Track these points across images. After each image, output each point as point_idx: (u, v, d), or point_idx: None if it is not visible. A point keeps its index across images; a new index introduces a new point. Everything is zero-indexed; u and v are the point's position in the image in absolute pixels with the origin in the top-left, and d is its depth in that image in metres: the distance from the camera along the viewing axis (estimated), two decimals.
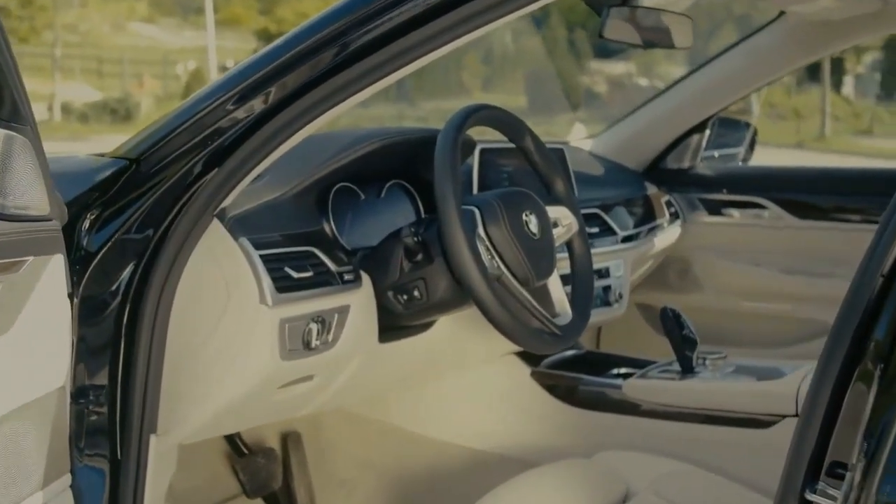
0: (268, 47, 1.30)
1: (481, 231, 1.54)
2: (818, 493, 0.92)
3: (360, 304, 1.55)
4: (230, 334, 1.40)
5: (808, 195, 2.61)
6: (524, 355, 2.05)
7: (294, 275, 1.44)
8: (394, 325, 1.64)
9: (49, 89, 17.98)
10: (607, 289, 2.28)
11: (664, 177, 2.71)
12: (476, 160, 2.00)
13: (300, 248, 1.50)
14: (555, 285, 1.71)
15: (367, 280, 1.57)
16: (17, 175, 1.03)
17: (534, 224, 1.59)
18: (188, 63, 20.80)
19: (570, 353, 2.10)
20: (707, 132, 2.70)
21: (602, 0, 1.58)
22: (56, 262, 1.12)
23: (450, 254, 1.47)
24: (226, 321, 1.40)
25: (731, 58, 2.53)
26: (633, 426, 1.88)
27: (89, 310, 1.29)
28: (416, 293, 1.56)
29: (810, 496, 0.92)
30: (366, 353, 1.61)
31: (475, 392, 2.07)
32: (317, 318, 1.47)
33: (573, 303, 1.72)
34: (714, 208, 2.69)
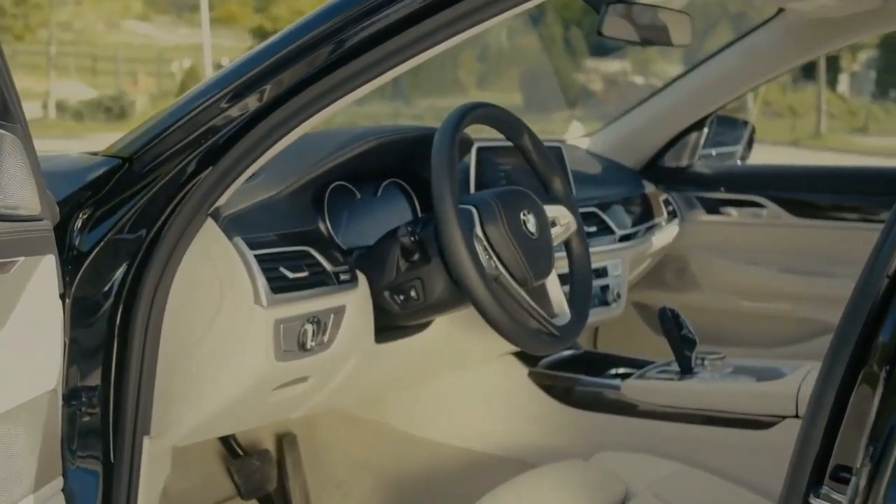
0: (262, 44, 1.28)
1: (479, 230, 1.52)
2: (822, 497, 0.91)
3: (356, 304, 1.54)
4: (224, 335, 1.39)
5: (806, 194, 2.61)
6: (522, 356, 2.04)
7: (289, 275, 1.43)
8: (390, 326, 1.62)
9: (44, 87, 17.96)
10: (605, 288, 2.27)
11: (662, 175, 2.70)
12: (473, 159, 1.99)
13: (295, 247, 1.49)
14: (553, 285, 1.70)
15: (363, 280, 1.56)
16: (7, 174, 1.02)
17: (532, 223, 1.58)
18: (183, 61, 20.77)
19: (567, 353, 2.09)
20: (705, 130, 2.70)
21: None
22: (47, 263, 1.10)
23: (447, 253, 1.45)
24: (220, 322, 1.38)
25: (730, 55, 2.52)
26: (632, 427, 1.87)
27: (81, 310, 1.27)
28: (412, 293, 1.55)
29: (814, 500, 0.91)
30: (362, 353, 1.60)
31: (472, 393, 2.06)
32: (312, 319, 1.45)
33: (571, 303, 1.71)
34: (712, 207, 2.69)
